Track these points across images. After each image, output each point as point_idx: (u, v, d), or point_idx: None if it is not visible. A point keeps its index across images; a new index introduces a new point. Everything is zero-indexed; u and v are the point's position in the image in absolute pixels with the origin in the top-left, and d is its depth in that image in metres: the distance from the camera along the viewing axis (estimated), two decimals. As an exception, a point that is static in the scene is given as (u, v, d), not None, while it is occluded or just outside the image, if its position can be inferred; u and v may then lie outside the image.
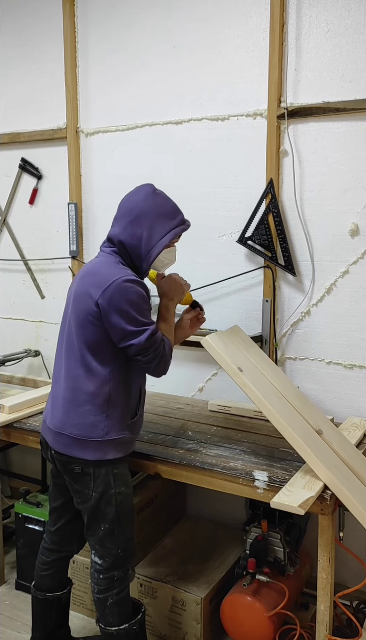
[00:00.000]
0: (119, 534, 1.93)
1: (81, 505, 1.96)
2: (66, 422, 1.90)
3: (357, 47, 2.26)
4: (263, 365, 2.11)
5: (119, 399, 1.91)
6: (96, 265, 1.94)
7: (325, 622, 1.86)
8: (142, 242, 1.89)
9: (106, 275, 1.84)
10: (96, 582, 1.97)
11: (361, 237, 2.35)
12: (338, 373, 2.47)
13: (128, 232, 1.89)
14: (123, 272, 1.85)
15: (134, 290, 1.82)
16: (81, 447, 1.88)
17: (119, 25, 2.77)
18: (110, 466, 1.91)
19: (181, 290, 2.06)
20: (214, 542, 2.60)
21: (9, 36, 3.10)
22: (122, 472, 1.95)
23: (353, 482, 1.85)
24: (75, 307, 1.90)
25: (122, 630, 1.96)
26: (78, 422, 1.88)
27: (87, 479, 1.90)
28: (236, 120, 2.55)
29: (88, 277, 1.90)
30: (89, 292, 1.84)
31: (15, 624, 2.46)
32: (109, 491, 1.90)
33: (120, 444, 1.92)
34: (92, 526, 1.95)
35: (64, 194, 3.04)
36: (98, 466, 1.89)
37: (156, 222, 1.89)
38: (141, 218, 1.88)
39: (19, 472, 3.37)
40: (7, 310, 3.39)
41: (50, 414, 1.97)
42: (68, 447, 1.90)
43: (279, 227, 2.46)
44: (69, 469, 1.92)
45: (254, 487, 1.89)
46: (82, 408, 1.88)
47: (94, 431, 1.88)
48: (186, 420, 2.47)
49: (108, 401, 1.88)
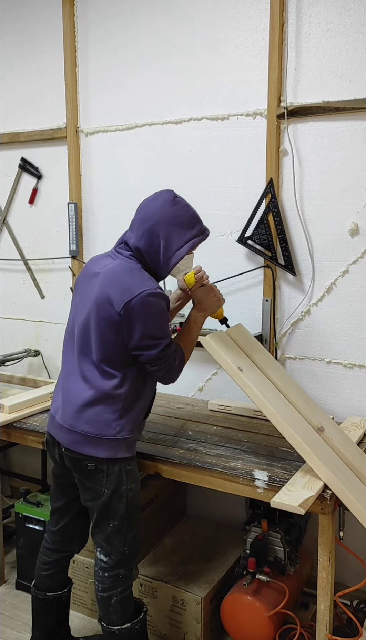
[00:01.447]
0: (127, 531, 1.94)
1: (91, 502, 1.95)
2: (79, 419, 1.89)
3: (357, 46, 2.26)
4: (265, 364, 2.11)
5: (133, 400, 1.92)
6: (118, 271, 1.86)
7: (325, 622, 1.86)
8: (160, 251, 1.85)
9: (130, 287, 1.79)
10: (101, 580, 1.97)
11: (361, 237, 2.35)
12: (338, 372, 2.47)
13: (145, 239, 1.85)
14: (147, 283, 1.81)
15: (156, 304, 1.81)
16: (93, 445, 1.88)
17: (118, 25, 2.77)
18: (123, 463, 1.92)
19: (216, 305, 2.06)
20: (215, 541, 2.60)
21: (8, 36, 3.10)
22: (133, 469, 1.96)
23: (354, 481, 1.85)
24: (96, 313, 1.84)
25: (125, 629, 1.96)
26: (91, 420, 1.88)
27: (101, 475, 1.90)
28: (236, 119, 2.55)
29: (112, 285, 1.82)
30: (112, 302, 1.80)
31: (15, 623, 2.46)
32: (121, 488, 1.91)
33: (131, 443, 1.94)
34: (101, 523, 1.95)
35: (64, 193, 3.04)
36: (112, 463, 1.90)
37: (173, 232, 1.84)
38: (158, 227, 1.83)
39: (19, 472, 3.37)
40: (7, 310, 3.39)
41: (62, 411, 1.95)
42: (80, 445, 1.90)
43: (279, 227, 2.46)
44: (82, 465, 1.91)
45: (255, 486, 1.89)
46: (97, 407, 1.88)
47: (107, 430, 1.88)
48: (186, 419, 2.47)
49: (123, 401, 1.88)
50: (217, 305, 2.06)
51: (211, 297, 2.05)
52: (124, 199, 2.85)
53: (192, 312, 2.04)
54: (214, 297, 2.05)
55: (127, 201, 2.73)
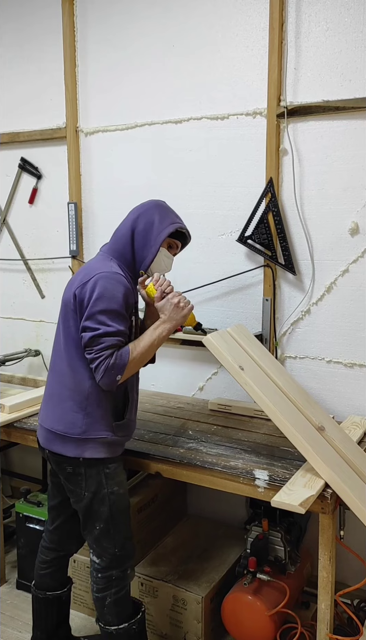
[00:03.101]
0: (115, 533, 1.94)
1: (76, 505, 1.97)
2: (51, 418, 1.93)
3: (357, 45, 2.26)
4: (266, 363, 2.11)
5: (100, 398, 1.88)
6: (88, 263, 1.98)
7: (326, 621, 1.86)
8: (154, 225, 1.90)
9: (91, 270, 1.86)
10: (95, 581, 1.97)
11: (361, 236, 2.35)
12: (339, 372, 2.47)
13: (140, 220, 1.92)
14: (110, 268, 1.86)
15: (110, 286, 1.80)
16: (61, 443, 1.90)
17: (118, 25, 2.77)
18: (101, 466, 1.91)
19: (181, 315, 1.90)
20: (215, 541, 2.60)
21: (8, 36, 3.10)
22: (114, 472, 1.93)
23: (355, 480, 1.85)
24: (63, 300, 1.93)
25: (122, 629, 1.96)
26: (60, 418, 1.90)
27: (79, 478, 1.91)
28: (235, 119, 2.55)
29: (78, 274, 1.93)
30: (72, 285, 1.88)
31: (16, 623, 2.46)
32: (101, 491, 1.91)
33: (102, 444, 1.90)
34: (87, 525, 1.96)
35: (64, 193, 3.03)
36: (89, 466, 1.89)
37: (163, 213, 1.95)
38: (150, 210, 1.94)
39: (20, 472, 3.37)
40: (7, 310, 3.39)
41: (43, 411, 2.01)
42: (50, 442, 1.92)
43: (279, 226, 2.46)
44: (62, 467, 1.93)
45: (255, 486, 1.89)
46: (65, 404, 1.90)
47: (73, 428, 1.88)
48: (186, 419, 2.47)
49: (87, 399, 1.87)
50: (182, 315, 1.90)
51: (173, 308, 1.89)
52: (124, 199, 2.83)
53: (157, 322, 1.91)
54: (176, 308, 1.89)
55: (127, 201, 2.71)
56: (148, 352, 1.88)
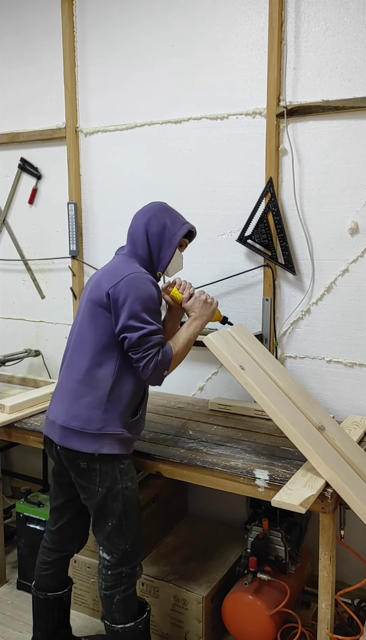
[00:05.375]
0: (127, 529, 1.94)
1: (88, 502, 1.97)
2: (68, 414, 1.92)
3: (356, 45, 2.26)
4: (267, 363, 2.11)
5: (121, 396, 1.92)
6: (111, 264, 2.02)
7: (327, 621, 1.86)
8: (167, 227, 1.98)
9: (118, 271, 1.92)
10: (104, 578, 1.97)
11: (361, 236, 2.35)
12: (339, 371, 2.47)
13: (152, 223, 1.98)
14: (134, 268, 1.93)
15: (143, 286, 1.87)
16: (78, 439, 1.90)
17: (117, 25, 2.77)
18: (116, 461, 1.92)
19: (210, 310, 2.05)
20: (216, 541, 2.60)
21: (7, 36, 3.10)
22: (128, 467, 1.96)
23: (355, 479, 1.85)
24: (88, 301, 1.95)
25: (128, 628, 1.96)
26: (77, 414, 1.91)
27: (94, 474, 1.91)
28: (235, 119, 2.55)
29: (104, 274, 1.97)
30: (101, 284, 1.91)
31: (16, 623, 2.47)
32: (116, 486, 1.91)
33: (118, 440, 1.92)
34: (99, 522, 1.96)
35: (64, 193, 3.04)
36: (104, 462, 1.90)
37: (173, 214, 2.03)
38: (160, 212, 2.01)
39: (20, 472, 3.37)
40: (7, 310, 3.39)
41: (56, 408, 1.99)
42: (64, 439, 1.92)
43: (279, 226, 2.46)
44: (75, 464, 1.92)
45: (255, 485, 1.89)
46: (83, 400, 1.91)
47: (91, 424, 1.89)
48: (186, 419, 2.47)
49: (109, 395, 1.90)
50: (212, 310, 2.06)
51: (203, 305, 2.04)
52: (124, 199, 2.85)
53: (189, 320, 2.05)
54: (205, 304, 2.04)
55: (127, 201, 2.74)
56: (187, 347, 1.99)
